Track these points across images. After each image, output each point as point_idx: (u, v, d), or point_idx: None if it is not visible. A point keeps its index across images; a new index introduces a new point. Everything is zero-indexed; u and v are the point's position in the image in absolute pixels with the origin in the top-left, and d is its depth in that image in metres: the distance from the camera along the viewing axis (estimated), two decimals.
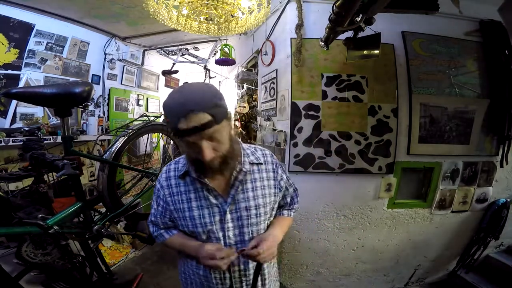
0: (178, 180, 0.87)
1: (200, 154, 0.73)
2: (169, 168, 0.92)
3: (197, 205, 0.84)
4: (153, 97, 4.01)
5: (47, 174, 1.39)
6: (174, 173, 0.89)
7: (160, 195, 0.90)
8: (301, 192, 1.96)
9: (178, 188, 0.87)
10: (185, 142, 0.74)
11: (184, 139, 0.72)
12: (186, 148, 0.79)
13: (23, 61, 2.33)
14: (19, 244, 1.26)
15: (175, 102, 0.72)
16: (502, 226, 2.06)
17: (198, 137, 0.71)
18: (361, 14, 1.18)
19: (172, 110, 0.72)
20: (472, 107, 1.96)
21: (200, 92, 0.72)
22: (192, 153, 0.77)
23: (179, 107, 0.70)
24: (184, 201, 0.85)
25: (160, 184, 0.91)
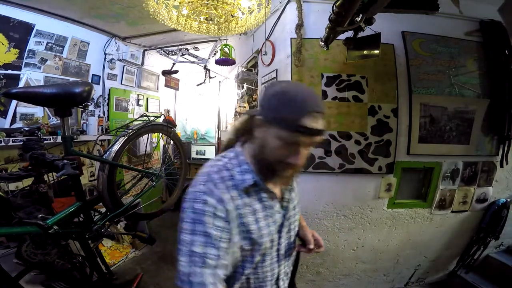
0: (239, 191, 0.72)
1: (294, 158, 0.67)
2: (223, 177, 0.72)
3: (263, 215, 0.75)
4: (153, 97, 4.01)
5: (47, 174, 1.39)
6: (231, 182, 0.72)
7: (215, 212, 0.67)
8: (301, 192, 1.96)
9: (242, 200, 0.72)
10: (288, 142, 0.65)
11: (293, 140, 0.64)
12: (277, 149, 0.67)
13: (23, 61, 2.33)
14: (19, 244, 1.26)
15: (302, 95, 0.64)
16: (502, 226, 2.06)
17: (310, 140, 0.65)
18: (361, 14, 1.18)
19: (301, 101, 0.63)
20: (472, 107, 1.96)
21: (319, 97, 0.71)
22: (279, 155, 0.68)
23: (309, 102, 0.64)
24: (249, 214, 0.73)
25: (217, 198, 0.68)
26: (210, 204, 0.67)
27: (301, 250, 0.92)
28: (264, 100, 0.69)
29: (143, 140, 2.11)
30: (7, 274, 1.21)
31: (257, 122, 0.71)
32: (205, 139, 4.53)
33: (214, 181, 0.70)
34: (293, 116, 0.63)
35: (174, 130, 2.15)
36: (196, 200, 0.68)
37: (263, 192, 0.76)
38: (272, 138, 0.67)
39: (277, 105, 0.65)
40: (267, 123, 0.67)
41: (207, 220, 0.65)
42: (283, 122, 0.64)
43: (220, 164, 0.75)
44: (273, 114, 0.66)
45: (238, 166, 0.74)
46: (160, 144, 3.81)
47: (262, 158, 0.72)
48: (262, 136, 0.70)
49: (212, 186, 0.69)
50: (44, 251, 1.25)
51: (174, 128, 2.16)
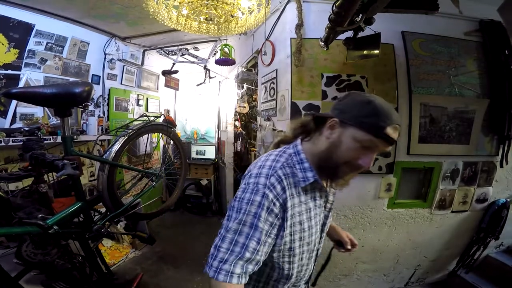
0: (298, 188, 0.75)
1: (366, 160, 0.71)
2: (287, 173, 0.74)
3: (314, 214, 0.79)
4: (153, 97, 4.01)
5: (47, 174, 1.39)
6: (293, 179, 0.74)
7: (272, 208, 0.69)
8: None
9: (299, 198, 0.75)
10: (366, 145, 0.69)
11: (375, 144, 0.69)
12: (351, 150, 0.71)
13: (23, 61, 2.33)
14: (19, 244, 1.26)
15: (387, 107, 0.70)
16: (502, 226, 2.06)
17: (384, 148, 0.71)
18: (361, 14, 1.18)
19: (387, 113, 0.68)
20: (472, 107, 1.96)
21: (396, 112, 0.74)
22: (351, 157, 0.71)
23: (394, 114, 0.69)
24: (304, 212, 0.76)
25: (277, 193, 0.70)
26: (270, 199, 0.69)
27: (340, 250, 1.02)
28: (347, 105, 0.74)
29: (143, 140, 2.11)
30: (7, 274, 1.21)
31: (332, 123, 0.74)
32: (205, 139, 4.53)
33: (278, 176, 0.72)
34: (380, 123, 0.67)
35: (174, 130, 2.15)
36: (257, 192, 0.69)
37: (318, 191, 0.80)
38: (350, 139, 0.70)
39: (365, 112, 0.69)
40: (347, 125, 0.71)
41: (261, 214, 0.68)
42: (368, 126, 0.68)
43: (283, 160, 0.76)
44: (359, 119, 0.69)
45: (299, 163, 0.77)
46: (160, 144, 3.81)
47: (329, 157, 0.74)
48: (337, 136, 0.73)
49: (275, 181, 0.71)
50: (44, 251, 1.25)
51: (174, 128, 2.16)
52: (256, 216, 0.67)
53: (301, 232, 0.75)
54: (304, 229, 0.76)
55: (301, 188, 0.75)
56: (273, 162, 0.76)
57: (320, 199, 0.81)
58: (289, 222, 0.72)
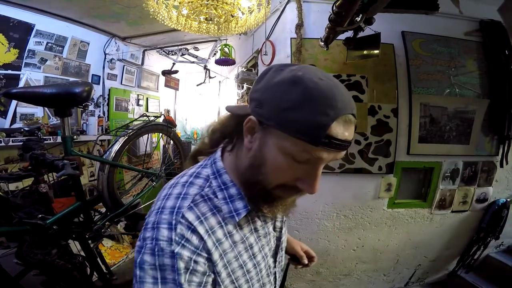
0: (227, 227, 0.52)
1: (308, 183, 0.48)
2: (202, 213, 0.50)
3: (259, 247, 0.58)
4: (153, 97, 4.01)
5: (47, 174, 1.39)
6: (215, 219, 0.51)
7: (194, 268, 0.46)
8: None
9: (230, 240, 0.52)
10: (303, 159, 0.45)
11: (315, 155, 0.44)
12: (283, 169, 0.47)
13: (23, 61, 2.33)
14: (19, 244, 1.25)
15: (328, 87, 0.42)
16: (502, 226, 2.06)
17: (334, 156, 0.46)
18: (361, 14, 1.18)
19: (329, 96, 0.42)
20: (472, 107, 1.96)
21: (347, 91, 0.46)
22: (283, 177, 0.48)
23: (339, 99, 0.42)
24: (243, 252, 0.54)
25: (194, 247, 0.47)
26: (185, 258, 0.45)
27: (297, 266, 0.86)
28: (263, 90, 0.47)
29: (143, 140, 2.11)
30: (7, 274, 1.21)
31: (249, 125, 0.49)
32: None
33: (188, 223, 0.47)
34: (317, 119, 0.41)
35: (174, 130, 2.15)
36: (161, 253, 0.45)
37: (258, 219, 0.58)
38: (275, 151, 0.45)
39: (288, 99, 0.42)
40: (269, 127, 0.45)
41: (181, 279, 0.44)
42: (298, 127, 0.42)
43: (194, 192, 0.51)
44: (281, 114, 0.43)
45: (222, 190, 0.53)
46: (160, 144, 3.80)
47: (254, 179, 0.49)
48: (258, 146, 0.48)
49: (185, 230, 0.46)
50: (44, 251, 1.25)
51: (174, 128, 2.16)
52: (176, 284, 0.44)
53: (245, 275, 0.55)
54: (249, 270, 0.55)
55: (231, 226, 0.52)
56: (178, 199, 0.50)
57: (263, 227, 0.59)
58: (224, 273, 0.51)
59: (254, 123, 0.48)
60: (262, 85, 0.48)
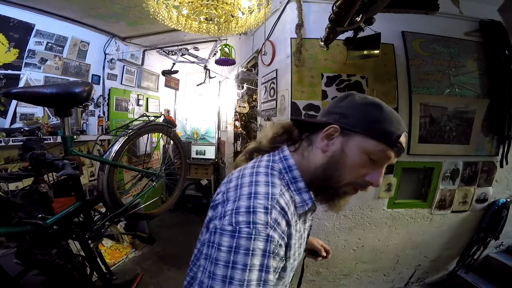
0: (296, 216, 0.59)
1: (376, 176, 0.59)
2: (287, 201, 0.56)
3: (303, 237, 0.67)
4: (153, 97, 4.01)
5: (47, 174, 1.39)
6: (292, 206, 0.58)
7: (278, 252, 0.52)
8: None
9: (296, 227, 0.60)
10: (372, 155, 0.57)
11: (387, 154, 0.57)
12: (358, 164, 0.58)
13: (23, 61, 2.33)
14: (19, 244, 1.25)
15: (393, 112, 0.61)
16: (502, 226, 2.06)
17: (394, 160, 0.60)
18: (361, 14, 1.18)
19: (398, 118, 0.60)
20: (472, 107, 1.96)
21: None
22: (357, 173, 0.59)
23: (400, 119, 0.61)
24: (297, 241, 0.61)
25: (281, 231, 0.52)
26: (276, 241, 0.50)
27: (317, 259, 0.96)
28: (349, 108, 0.61)
29: (143, 140, 2.11)
30: (7, 274, 1.21)
31: (330, 132, 0.60)
32: (205, 139, 4.53)
33: (281, 208, 0.53)
34: (394, 130, 0.57)
35: (174, 130, 2.15)
36: (257, 236, 0.48)
37: (310, 213, 0.67)
38: (357, 151, 0.57)
39: (375, 116, 0.58)
40: (352, 133, 0.58)
41: (269, 264, 0.48)
42: (381, 134, 0.56)
43: (278, 182, 0.58)
44: (369, 124, 0.57)
45: (293, 183, 0.60)
46: (160, 144, 3.81)
47: (329, 176, 0.59)
48: (338, 148, 0.58)
49: (278, 215, 0.52)
50: (44, 251, 1.25)
51: (174, 128, 2.16)
52: (263, 270, 0.47)
53: (294, 261, 0.62)
54: (295, 258, 0.62)
55: (298, 215, 0.60)
56: (268, 186, 0.55)
57: (306, 221, 0.69)
58: (292, 258, 0.59)
59: (336, 130, 0.59)
60: (345, 104, 0.62)
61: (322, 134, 0.61)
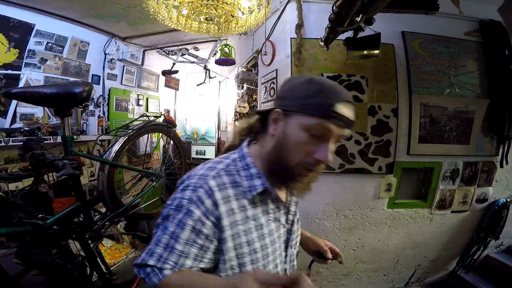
0: (242, 201, 0.61)
1: (322, 152, 0.58)
2: (223, 183, 0.60)
3: (269, 230, 0.64)
4: (153, 97, 4.01)
5: (47, 174, 1.39)
6: (233, 190, 0.60)
7: (200, 229, 0.57)
8: None
9: (243, 213, 0.61)
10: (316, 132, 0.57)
11: (327, 127, 0.56)
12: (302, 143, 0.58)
13: (23, 61, 2.33)
14: (19, 244, 1.25)
15: (328, 83, 0.59)
16: (502, 226, 2.06)
17: (341, 132, 0.58)
18: (361, 14, 1.18)
19: (326, 88, 0.58)
20: (472, 107, 1.96)
21: None
22: (302, 152, 0.59)
23: (341, 89, 0.59)
24: (253, 230, 0.61)
25: (205, 209, 0.57)
26: (195, 217, 0.56)
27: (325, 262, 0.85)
28: (287, 90, 0.62)
29: (143, 140, 2.11)
30: (7, 274, 1.20)
31: (275, 116, 0.61)
32: (205, 139, 4.53)
33: (208, 188, 0.58)
34: (328, 101, 0.55)
35: (174, 130, 2.16)
36: (179, 209, 0.57)
37: (272, 203, 0.66)
38: (296, 129, 0.58)
39: (306, 91, 0.58)
40: (291, 112, 0.59)
41: (186, 236, 0.56)
42: (314, 108, 0.56)
43: (220, 167, 0.62)
44: (301, 101, 0.57)
45: (245, 170, 0.63)
46: (160, 144, 3.81)
47: (278, 158, 0.60)
48: (282, 130, 0.60)
49: (203, 194, 0.57)
50: (44, 251, 1.25)
51: (174, 128, 2.16)
52: (173, 237, 0.56)
53: (251, 254, 0.61)
54: (256, 250, 0.61)
55: (247, 201, 0.61)
56: (207, 170, 0.62)
57: (275, 212, 0.67)
58: (231, 244, 0.59)
59: (279, 113, 0.61)
60: (286, 88, 0.64)
61: (270, 120, 0.63)
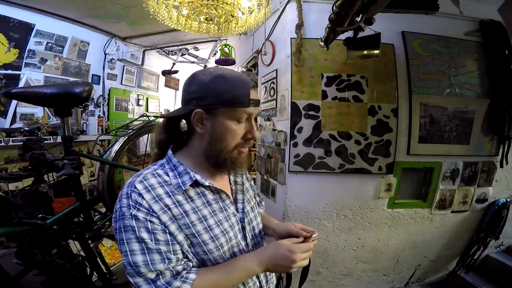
0: (175, 197, 0.64)
1: (252, 131, 0.69)
2: (150, 184, 0.63)
3: (215, 221, 0.68)
4: (153, 97, 4.01)
5: (47, 174, 1.39)
6: (163, 189, 0.64)
7: (152, 227, 0.60)
8: (301, 192, 1.95)
9: (180, 209, 0.64)
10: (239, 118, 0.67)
11: (247, 111, 0.67)
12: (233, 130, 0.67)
13: (23, 61, 2.33)
14: (19, 244, 1.26)
15: (235, 75, 0.68)
16: (502, 226, 2.06)
17: (255, 110, 0.69)
18: (361, 14, 1.18)
19: (237, 80, 0.66)
20: (472, 107, 1.96)
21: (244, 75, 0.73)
22: (237, 136, 0.68)
23: (244, 79, 0.68)
24: (196, 223, 0.65)
25: (145, 210, 0.60)
26: (141, 219, 0.60)
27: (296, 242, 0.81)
28: (201, 90, 0.66)
29: (143, 140, 2.11)
30: (7, 274, 1.21)
31: (198, 116, 0.66)
32: None
33: (138, 192, 0.61)
34: (244, 91, 0.66)
35: None
36: (124, 217, 0.60)
37: (209, 194, 0.70)
38: (226, 121, 0.66)
39: (224, 88, 0.65)
40: (215, 110, 0.65)
41: (145, 236, 0.59)
42: (236, 100, 0.65)
43: (146, 172, 0.67)
44: (223, 97, 0.65)
45: (173, 170, 0.68)
46: None
47: (219, 150, 0.67)
48: (212, 126, 0.67)
49: (137, 197, 0.61)
50: (44, 251, 1.25)
51: None
52: (141, 241, 0.59)
53: (202, 246, 0.65)
54: (206, 242, 0.65)
55: (182, 196, 0.65)
56: (135, 177, 0.66)
57: (218, 202, 0.70)
58: (180, 237, 0.63)
59: (201, 113, 0.66)
60: (196, 88, 0.67)
61: (193, 122, 0.68)
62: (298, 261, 0.65)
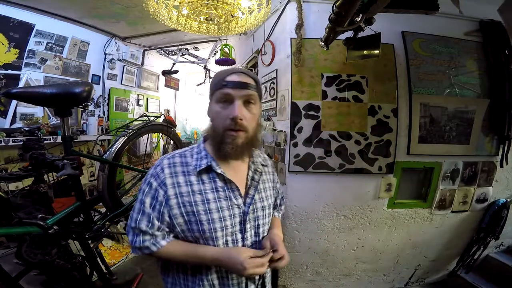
0: (189, 177, 0.75)
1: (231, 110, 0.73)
2: (173, 162, 0.76)
3: (217, 206, 0.74)
4: (153, 97, 4.01)
5: (47, 174, 1.39)
6: (181, 168, 0.76)
7: (157, 196, 0.73)
8: (301, 192, 1.95)
9: (189, 187, 0.74)
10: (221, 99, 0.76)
11: (223, 92, 0.74)
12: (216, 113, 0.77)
13: (23, 61, 2.33)
14: (19, 244, 1.26)
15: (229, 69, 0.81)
16: (502, 226, 2.06)
17: (238, 92, 0.74)
18: (361, 14, 1.18)
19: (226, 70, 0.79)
20: (472, 107, 1.96)
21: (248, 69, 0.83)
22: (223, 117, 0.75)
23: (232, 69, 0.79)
24: (199, 203, 0.73)
25: (160, 182, 0.73)
26: (153, 187, 0.74)
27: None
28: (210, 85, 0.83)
29: (143, 140, 2.11)
30: (7, 274, 1.21)
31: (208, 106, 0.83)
32: None
33: (162, 166, 0.76)
34: (221, 77, 0.76)
35: (174, 130, 2.16)
36: (145, 182, 0.77)
37: (220, 181, 0.77)
38: (213, 105, 0.78)
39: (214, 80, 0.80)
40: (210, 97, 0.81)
41: (146, 200, 0.74)
42: (215, 86, 0.77)
43: (177, 152, 0.82)
44: (212, 87, 0.79)
45: (197, 154, 0.80)
46: (160, 144, 3.81)
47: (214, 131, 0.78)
48: (208, 111, 0.82)
49: (159, 170, 0.75)
50: (44, 251, 1.25)
51: (174, 128, 2.16)
52: (141, 202, 0.75)
53: (198, 224, 0.73)
54: (202, 222, 0.73)
55: (195, 177, 0.75)
56: (168, 154, 0.81)
57: (225, 190, 0.76)
58: (177, 211, 0.73)
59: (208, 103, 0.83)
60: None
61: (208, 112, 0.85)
62: (246, 274, 0.70)
